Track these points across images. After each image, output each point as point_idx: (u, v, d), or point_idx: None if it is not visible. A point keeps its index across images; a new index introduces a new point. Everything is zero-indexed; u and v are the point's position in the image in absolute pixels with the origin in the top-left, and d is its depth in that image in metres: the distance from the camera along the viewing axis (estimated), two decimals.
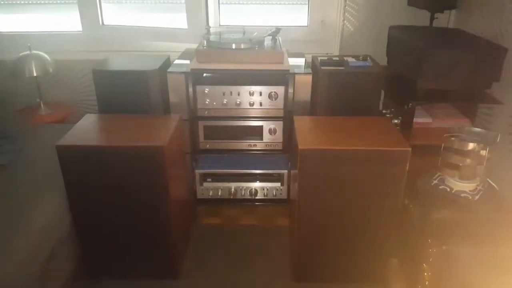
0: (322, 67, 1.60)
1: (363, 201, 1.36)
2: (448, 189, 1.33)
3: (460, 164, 1.29)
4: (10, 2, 2.18)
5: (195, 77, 1.66)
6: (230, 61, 1.60)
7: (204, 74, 1.73)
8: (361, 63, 1.66)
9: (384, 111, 1.74)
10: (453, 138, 1.29)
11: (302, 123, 1.50)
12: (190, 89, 1.64)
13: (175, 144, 1.45)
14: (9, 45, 2.18)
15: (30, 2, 2.17)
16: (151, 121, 1.51)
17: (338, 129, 1.45)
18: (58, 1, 2.16)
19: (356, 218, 1.39)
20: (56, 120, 2.11)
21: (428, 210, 1.31)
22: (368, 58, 1.70)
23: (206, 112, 1.68)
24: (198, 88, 1.64)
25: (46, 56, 2.04)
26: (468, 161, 1.28)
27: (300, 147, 1.30)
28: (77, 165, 1.33)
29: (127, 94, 1.59)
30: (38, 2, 2.16)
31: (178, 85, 1.61)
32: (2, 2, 2.18)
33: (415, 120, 1.52)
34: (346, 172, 1.32)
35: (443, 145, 1.33)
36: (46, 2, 2.16)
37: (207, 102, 1.65)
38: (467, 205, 1.29)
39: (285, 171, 1.77)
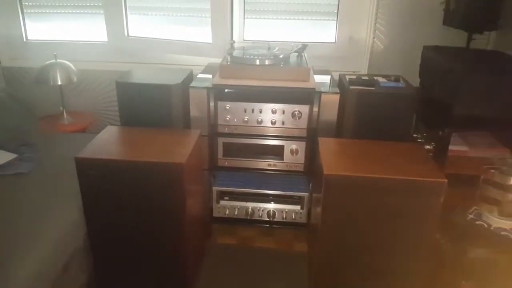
0: (351, 87, 1.52)
1: (390, 233, 1.26)
2: (486, 226, 1.22)
3: (500, 199, 1.18)
4: (39, 11, 2.20)
5: (217, 93, 1.61)
6: (254, 77, 1.54)
7: (226, 90, 1.68)
8: (393, 84, 1.57)
9: (415, 136, 1.64)
10: (493, 171, 1.19)
11: (328, 146, 1.42)
12: (212, 105, 1.59)
13: (194, 160, 1.40)
14: (36, 53, 2.20)
15: (58, 11, 2.18)
16: (171, 136, 1.47)
17: (366, 155, 1.36)
18: (86, 11, 2.16)
19: (382, 251, 1.29)
20: (78, 129, 2.10)
21: (463, 247, 1.19)
22: (400, 79, 1.61)
23: (226, 129, 1.62)
24: (220, 103, 1.59)
25: (71, 65, 2.04)
26: (510, 196, 1.17)
27: (325, 172, 1.22)
28: (95, 177, 1.30)
29: (149, 107, 1.57)
30: (66, 11, 2.17)
31: (200, 100, 1.56)
32: (31, 11, 2.20)
33: (449, 147, 1.41)
34: (374, 202, 1.23)
35: (482, 177, 1.22)
36: (74, 12, 2.17)
37: (227, 118, 1.60)
38: (507, 245, 1.17)
39: (306, 194, 1.68)
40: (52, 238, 1.23)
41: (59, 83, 2.00)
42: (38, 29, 2.23)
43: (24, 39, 2.21)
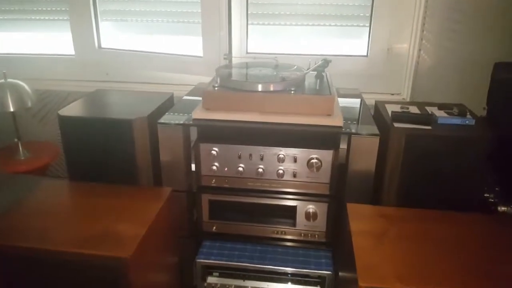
0: (395, 124, 1.03)
1: None
2: None
3: None
4: None
5: (200, 132, 1.14)
6: (253, 110, 1.07)
7: (216, 127, 1.20)
8: (457, 120, 1.07)
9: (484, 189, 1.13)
10: None
11: (361, 221, 0.92)
12: (191, 148, 1.12)
13: (156, 235, 0.94)
14: None
15: (12, 17, 1.75)
16: (126, 199, 1.00)
17: (425, 238, 0.86)
18: (48, 17, 1.73)
19: None
20: (38, 167, 1.65)
21: None
22: (468, 112, 1.10)
23: (213, 181, 1.15)
24: (203, 147, 1.11)
25: (25, 85, 1.61)
26: None
27: (361, 283, 0.72)
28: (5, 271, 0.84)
29: (103, 150, 1.11)
30: (24, 17, 1.74)
31: (174, 142, 1.09)
32: None
33: None
34: None
35: None
36: (34, 18, 1.74)
37: (214, 167, 1.12)
38: None
39: (328, 273, 1.18)
40: None
41: (11, 109, 1.57)
42: None
43: None
